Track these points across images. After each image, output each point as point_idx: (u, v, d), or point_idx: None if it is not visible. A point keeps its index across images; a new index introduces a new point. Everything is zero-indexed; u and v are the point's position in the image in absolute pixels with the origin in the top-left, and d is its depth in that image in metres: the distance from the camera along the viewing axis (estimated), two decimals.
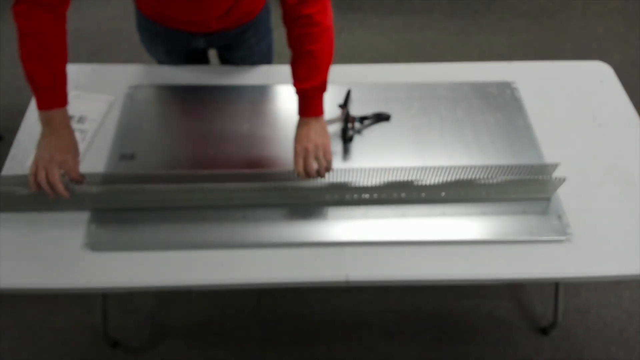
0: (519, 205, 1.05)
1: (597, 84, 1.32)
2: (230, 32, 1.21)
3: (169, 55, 1.29)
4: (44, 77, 0.91)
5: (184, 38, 1.20)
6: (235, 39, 1.24)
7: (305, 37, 0.95)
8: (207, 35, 1.19)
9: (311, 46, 0.95)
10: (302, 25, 0.95)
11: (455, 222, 1.02)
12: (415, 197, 1.04)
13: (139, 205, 1.01)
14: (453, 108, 1.23)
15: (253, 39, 1.26)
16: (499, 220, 1.02)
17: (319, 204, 1.03)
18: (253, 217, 1.01)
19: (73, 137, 0.95)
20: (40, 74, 0.91)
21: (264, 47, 1.32)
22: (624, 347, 1.55)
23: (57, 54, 0.94)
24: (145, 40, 1.27)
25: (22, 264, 0.95)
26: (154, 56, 1.32)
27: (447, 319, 1.60)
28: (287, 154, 1.11)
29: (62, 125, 0.94)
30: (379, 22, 2.59)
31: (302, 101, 0.99)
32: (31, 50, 0.91)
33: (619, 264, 0.98)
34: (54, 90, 0.93)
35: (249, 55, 1.30)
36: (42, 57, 0.92)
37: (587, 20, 2.65)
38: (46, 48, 0.92)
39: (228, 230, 0.99)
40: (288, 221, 1.01)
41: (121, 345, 1.52)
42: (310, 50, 0.95)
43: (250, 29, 1.23)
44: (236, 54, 1.29)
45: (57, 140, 0.92)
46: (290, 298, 1.63)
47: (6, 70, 2.27)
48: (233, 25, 1.18)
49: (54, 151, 0.91)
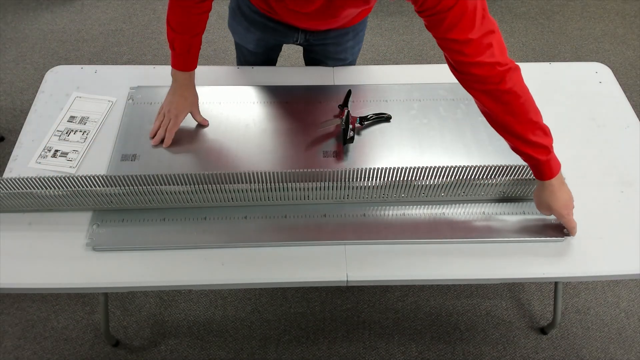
0: (519, 206, 1.05)
1: (596, 85, 1.33)
2: (331, 32, 1.24)
3: (257, 43, 1.30)
4: (183, 45, 1.07)
5: (285, 32, 1.23)
6: (334, 40, 1.27)
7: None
8: (309, 32, 1.23)
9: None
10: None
11: (455, 222, 1.02)
12: (415, 198, 1.04)
13: (142, 206, 1.02)
14: (453, 109, 1.24)
15: (351, 42, 1.29)
16: (499, 220, 1.03)
17: (318, 204, 1.04)
18: (254, 217, 1.02)
19: (193, 95, 1.15)
20: (180, 42, 1.06)
21: (356, 52, 1.36)
22: (622, 347, 1.56)
23: (196, 27, 1.06)
24: (240, 23, 1.27)
25: (24, 263, 0.96)
26: (240, 39, 1.33)
27: (446, 319, 1.60)
28: (284, 155, 1.11)
29: (185, 86, 1.13)
30: (379, 23, 2.60)
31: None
32: (179, 20, 1.04)
33: (618, 263, 0.99)
34: (187, 56, 1.09)
35: (343, 58, 1.33)
36: (185, 28, 1.05)
37: (586, 21, 2.66)
38: (190, 21, 1.04)
39: (229, 230, 1.00)
40: (288, 221, 1.02)
41: (122, 345, 1.52)
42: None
43: (351, 33, 1.26)
44: (330, 54, 1.31)
45: (178, 98, 1.13)
46: (290, 298, 1.63)
47: (8, 72, 2.28)
48: (336, 26, 1.22)
49: (174, 106, 1.12)
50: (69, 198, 0.99)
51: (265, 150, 1.14)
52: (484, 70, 0.83)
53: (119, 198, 0.98)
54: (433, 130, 1.19)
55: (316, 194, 1.01)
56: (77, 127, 1.18)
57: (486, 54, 0.81)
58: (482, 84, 0.85)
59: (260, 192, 0.99)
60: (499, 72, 0.83)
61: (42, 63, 2.32)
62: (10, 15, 2.55)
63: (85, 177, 0.95)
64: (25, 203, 1.00)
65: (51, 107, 1.22)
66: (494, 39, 0.81)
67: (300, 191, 1.00)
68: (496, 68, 0.82)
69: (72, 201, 0.99)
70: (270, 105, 1.23)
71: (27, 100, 2.18)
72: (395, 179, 0.99)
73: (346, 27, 1.24)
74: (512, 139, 0.90)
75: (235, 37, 1.34)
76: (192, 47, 1.08)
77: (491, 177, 1.00)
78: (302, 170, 0.97)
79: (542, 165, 0.91)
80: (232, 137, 1.16)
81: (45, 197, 0.97)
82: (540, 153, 0.89)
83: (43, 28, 2.50)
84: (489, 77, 0.83)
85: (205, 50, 2.43)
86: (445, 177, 1.00)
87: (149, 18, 2.58)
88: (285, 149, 1.14)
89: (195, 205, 1.02)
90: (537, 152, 0.89)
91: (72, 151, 1.13)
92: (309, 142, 1.15)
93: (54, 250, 0.98)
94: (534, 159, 0.90)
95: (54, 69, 1.32)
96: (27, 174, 1.09)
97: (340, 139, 1.15)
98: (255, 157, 1.12)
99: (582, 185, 1.10)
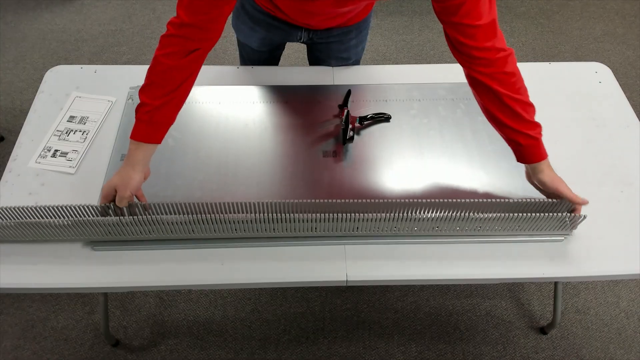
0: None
1: (596, 85, 1.32)
2: (335, 30, 1.24)
3: (262, 42, 1.30)
4: (147, 110, 0.89)
5: (289, 31, 1.23)
6: (337, 38, 1.27)
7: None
8: (312, 31, 1.23)
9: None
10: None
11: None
12: (428, 232, 1.00)
13: (139, 237, 0.97)
14: (452, 108, 1.24)
15: (354, 41, 1.29)
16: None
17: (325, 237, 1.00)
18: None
19: (141, 174, 0.93)
20: (145, 107, 0.89)
21: (360, 52, 1.36)
22: (622, 347, 1.56)
23: (172, 92, 0.90)
24: (244, 22, 1.26)
25: (23, 263, 0.96)
26: (244, 38, 1.31)
27: (446, 319, 1.60)
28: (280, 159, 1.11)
29: (141, 162, 0.92)
30: (379, 23, 2.60)
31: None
32: (155, 80, 0.89)
33: (618, 263, 0.99)
34: (150, 125, 0.91)
35: (346, 57, 1.33)
36: (160, 93, 0.89)
37: (586, 21, 2.66)
38: (165, 83, 0.89)
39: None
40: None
41: (122, 345, 1.52)
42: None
43: (354, 31, 1.27)
44: (333, 53, 1.31)
45: (128, 174, 0.91)
46: (290, 298, 1.63)
47: (8, 71, 2.28)
48: (340, 24, 1.22)
49: (123, 186, 0.90)
50: (62, 229, 0.95)
51: (265, 150, 1.13)
52: (490, 54, 0.89)
53: (116, 228, 0.94)
54: (433, 130, 1.19)
55: (323, 225, 0.96)
56: (76, 127, 1.18)
57: (494, 40, 0.89)
58: (487, 67, 0.90)
59: (263, 223, 0.95)
60: (503, 57, 0.90)
61: (41, 63, 2.32)
62: (10, 15, 2.55)
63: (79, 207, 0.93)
64: (20, 233, 0.96)
65: (51, 107, 1.22)
66: (497, 26, 0.89)
67: (307, 223, 0.95)
68: (500, 53, 0.90)
69: (68, 233, 0.96)
70: (270, 105, 1.23)
71: (27, 100, 2.18)
72: (407, 214, 0.94)
73: (349, 26, 1.24)
74: (511, 121, 0.93)
75: (240, 36, 1.34)
76: (159, 111, 0.90)
77: (513, 211, 0.96)
78: (308, 201, 0.93)
79: (540, 142, 0.95)
80: (232, 137, 1.16)
81: (39, 228, 0.94)
82: (538, 131, 0.94)
83: (43, 28, 2.50)
84: (494, 61, 0.90)
85: None
86: (460, 212, 0.94)
87: (149, 18, 2.58)
88: (285, 149, 1.14)
89: (194, 237, 0.99)
90: (535, 131, 0.94)
91: (71, 151, 1.13)
92: (308, 141, 1.15)
93: (54, 250, 0.98)
94: (532, 138, 0.93)
95: (53, 69, 1.32)
96: (27, 174, 1.09)
97: (340, 138, 1.15)
98: (255, 157, 1.12)
99: (582, 185, 1.10)
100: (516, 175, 1.09)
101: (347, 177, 1.09)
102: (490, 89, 0.91)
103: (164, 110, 0.91)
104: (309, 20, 1.18)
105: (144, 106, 0.90)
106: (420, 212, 0.95)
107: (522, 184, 1.07)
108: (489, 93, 0.92)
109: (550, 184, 0.96)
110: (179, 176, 1.08)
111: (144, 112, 0.90)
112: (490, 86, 0.91)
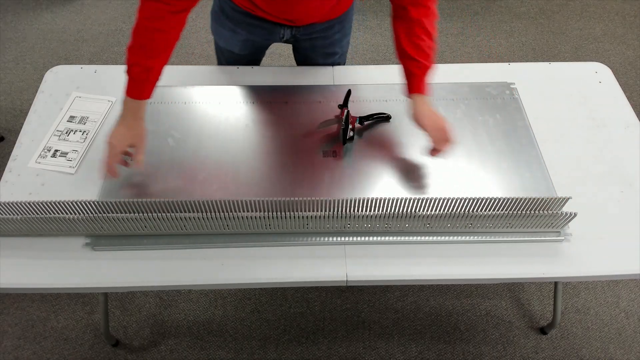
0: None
1: (596, 85, 1.33)
2: (317, 26, 1.24)
3: (243, 44, 1.29)
4: (139, 70, 0.97)
5: (271, 29, 1.23)
6: (321, 33, 1.27)
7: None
8: (295, 28, 1.23)
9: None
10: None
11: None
12: (420, 229, 1.01)
13: (136, 232, 0.98)
14: (452, 109, 1.24)
15: (338, 35, 1.30)
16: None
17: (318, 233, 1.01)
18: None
19: (139, 127, 1.02)
20: (137, 67, 0.97)
21: (345, 45, 1.36)
22: (622, 347, 1.56)
23: (161, 53, 0.98)
24: (224, 25, 1.25)
25: (23, 263, 0.96)
26: (225, 42, 1.31)
27: (446, 319, 1.60)
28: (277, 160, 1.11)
29: (134, 116, 1.01)
30: (379, 23, 2.60)
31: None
32: (140, 42, 0.96)
33: (618, 263, 0.99)
34: (143, 84, 0.99)
35: (332, 53, 1.34)
36: (146, 52, 0.96)
37: (586, 21, 2.66)
38: (153, 45, 0.96)
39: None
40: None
41: (122, 345, 1.52)
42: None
43: (337, 25, 1.27)
44: (318, 49, 1.32)
45: (126, 130, 1.00)
46: (290, 298, 1.63)
47: (8, 71, 2.28)
48: (322, 19, 1.22)
49: (120, 140, 0.99)
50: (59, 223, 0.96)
51: (266, 150, 1.14)
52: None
53: (114, 223, 0.95)
54: None
55: (316, 223, 0.98)
56: (76, 127, 1.18)
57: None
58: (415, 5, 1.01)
59: (259, 220, 0.96)
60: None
61: (41, 63, 2.32)
62: (10, 15, 2.55)
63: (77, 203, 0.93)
64: (18, 228, 0.97)
65: (51, 107, 1.22)
66: None
67: (299, 220, 0.96)
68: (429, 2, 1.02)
69: (65, 228, 0.97)
70: (270, 105, 1.23)
71: (27, 100, 2.18)
72: (399, 210, 0.95)
73: (331, 20, 1.24)
74: (412, 49, 1.02)
75: (220, 41, 1.32)
76: (150, 72, 0.98)
77: (504, 209, 0.96)
78: (301, 199, 0.94)
79: (423, 76, 1.03)
80: (232, 137, 1.16)
81: (38, 222, 0.94)
82: (427, 65, 1.03)
83: (43, 28, 2.50)
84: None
85: (206, 50, 2.43)
86: (453, 209, 0.95)
87: None
88: (285, 149, 1.14)
89: (192, 233, 0.99)
90: (424, 63, 1.02)
91: (71, 151, 1.13)
92: (309, 141, 1.15)
93: (54, 250, 0.98)
94: (425, 67, 1.02)
95: (53, 69, 1.32)
96: (27, 173, 1.09)
97: (340, 138, 1.15)
98: (255, 157, 1.12)
99: (582, 185, 1.10)
100: (516, 175, 1.09)
101: (347, 177, 1.09)
102: (409, 15, 1.01)
103: (156, 69, 0.99)
104: (290, 15, 1.16)
105: (136, 66, 0.96)
106: (420, 210, 0.95)
107: (522, 184, 1.07)
108: (407, 21, 1.02)
109: (415, 117, 1.03)
110: (179, 176, 1.08)
111: (138, 72, 0.97)
112: (411, 13, 1.00)
